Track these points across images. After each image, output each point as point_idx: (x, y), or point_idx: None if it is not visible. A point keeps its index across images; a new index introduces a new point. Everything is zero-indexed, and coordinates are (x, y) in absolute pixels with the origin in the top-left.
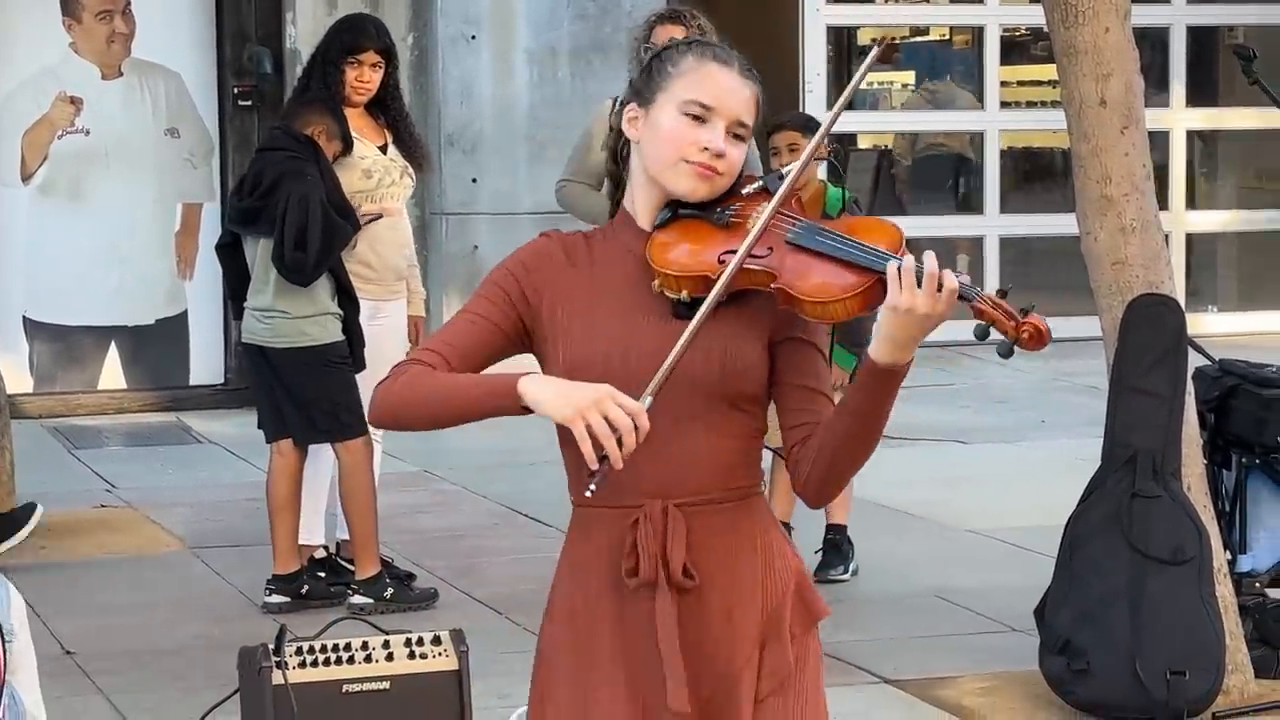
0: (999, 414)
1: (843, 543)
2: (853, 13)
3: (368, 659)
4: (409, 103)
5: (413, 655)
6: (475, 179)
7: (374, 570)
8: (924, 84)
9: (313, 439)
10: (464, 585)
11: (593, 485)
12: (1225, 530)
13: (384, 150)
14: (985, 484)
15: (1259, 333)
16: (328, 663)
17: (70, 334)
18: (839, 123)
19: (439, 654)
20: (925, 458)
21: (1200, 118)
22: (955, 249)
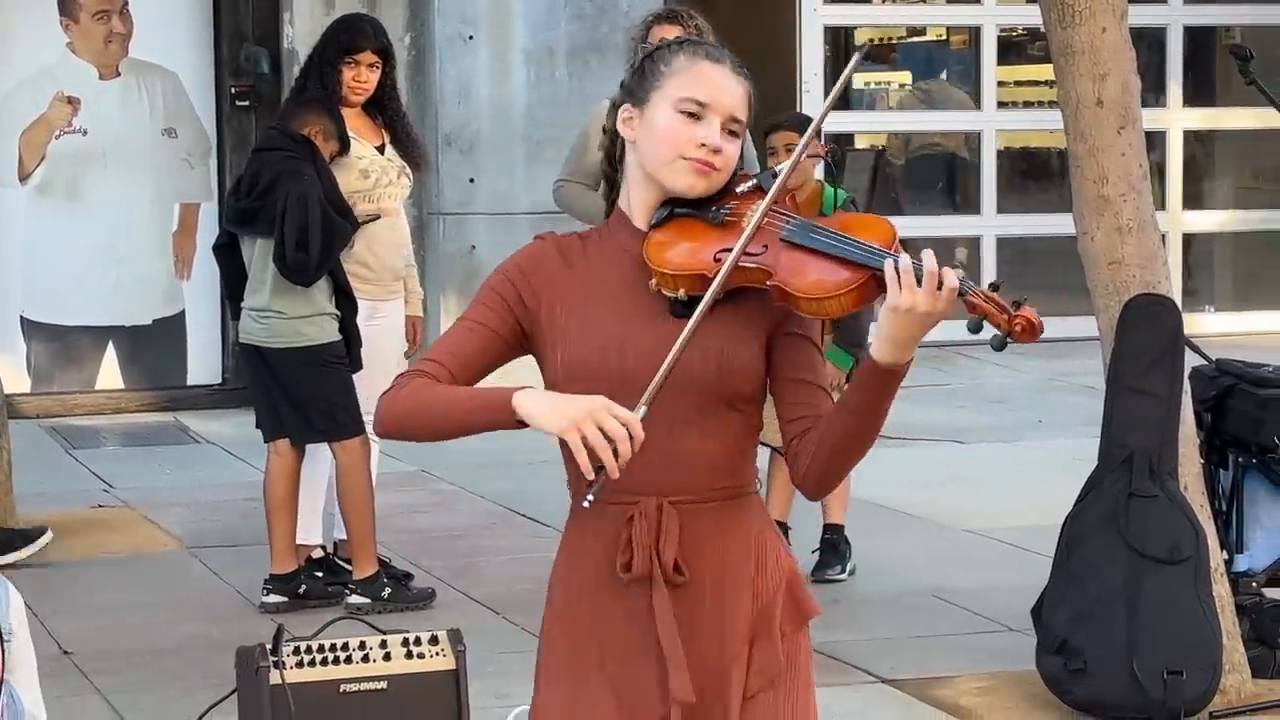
0: (996, 414)
1: (840, 542)
2: (850, 13)
3: (365, 659)
4: (406, 103)
5: (410, 655)
6: (472, 179)
7: (371, 570)
8: (917, 83)
9: (310, 439)
10: (461, 585)
11: (590, 495)
12: (1222, 530)
13: (381, 150)
14: (982, 484)
15: (1255, 332)
16: (325, 662)
17: (68, 334)
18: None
19: (436, 654)
20: (922, 458)
21: (1197, 118)
22: (952, 249)
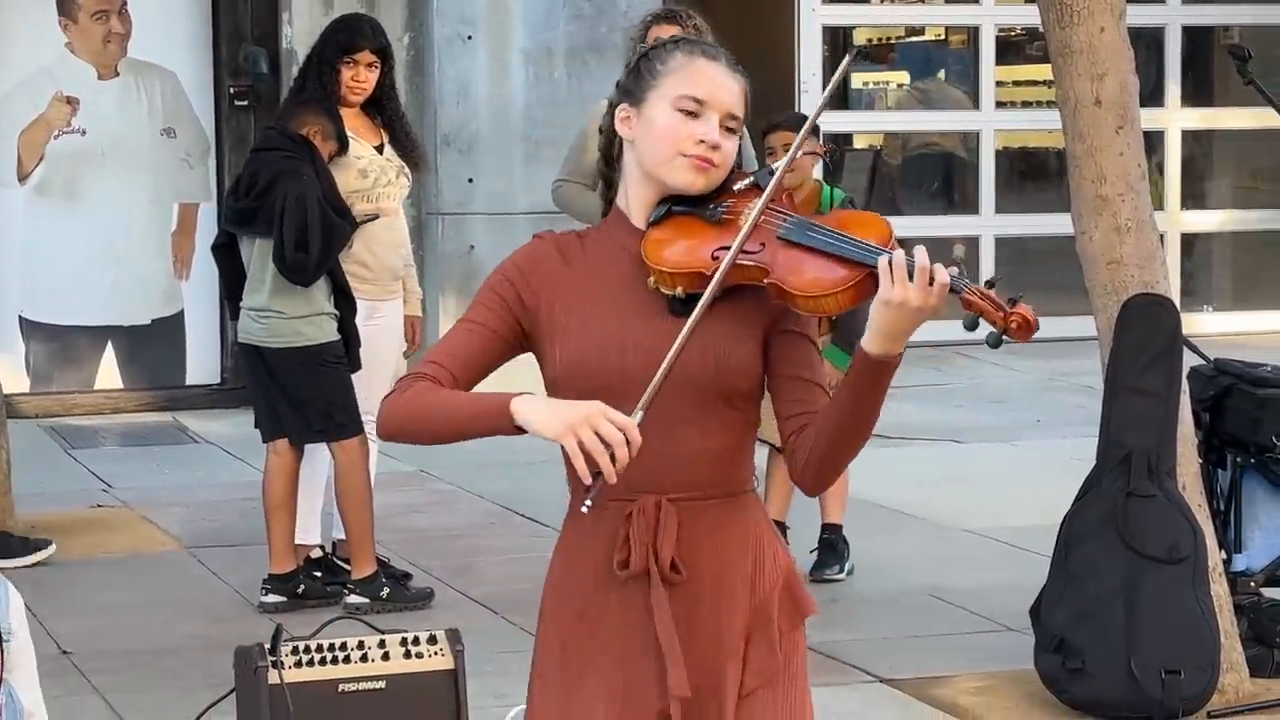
0: (994, 413)
1: (838, 542)
2: (848, 13)
3: (364, 658)
4: (405, 103)
5: (408, 655)
6: (471, 179)
7: (370, 570)
8: (915, 83)
9: (308, 439)
10: (460, 585)
11: (588, 500)
12: (1220, 529)
13: (380, 150)
14: (981, 483)
15: (1254, 332)
16: (324, 662)
17: (66, 334)
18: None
19: (435, 653)
20: (921, 457)
21: (1195, 118)
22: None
